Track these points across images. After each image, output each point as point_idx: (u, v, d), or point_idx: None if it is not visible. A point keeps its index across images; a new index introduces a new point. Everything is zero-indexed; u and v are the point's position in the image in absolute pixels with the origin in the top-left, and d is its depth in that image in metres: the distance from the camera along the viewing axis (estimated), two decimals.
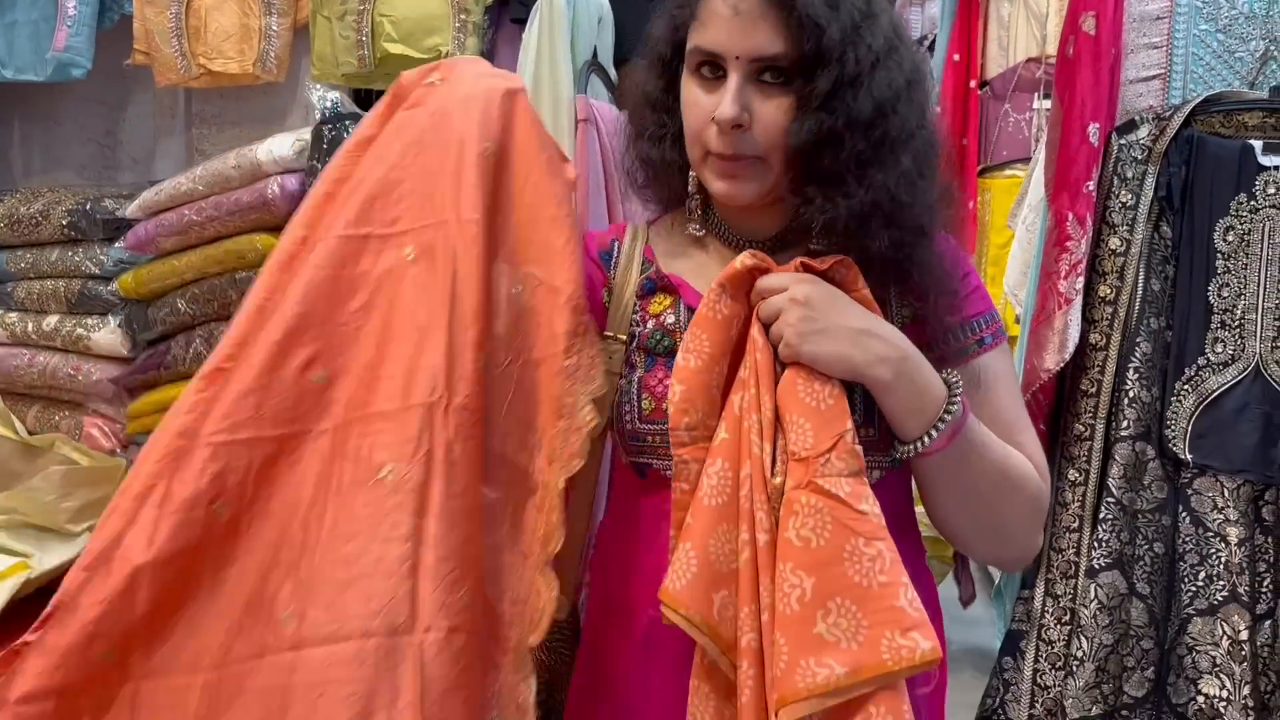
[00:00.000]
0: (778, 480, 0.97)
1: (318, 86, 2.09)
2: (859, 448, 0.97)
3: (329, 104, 2.04)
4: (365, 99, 2.46)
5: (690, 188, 1.12)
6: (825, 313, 1.00)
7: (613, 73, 2.10)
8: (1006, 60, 3.24)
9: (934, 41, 3.54)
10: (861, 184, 1.04)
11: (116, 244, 2.19)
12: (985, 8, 3.23)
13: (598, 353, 1.07)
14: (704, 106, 1.05)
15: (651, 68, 1.12)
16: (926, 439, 1.00)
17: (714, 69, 1.04)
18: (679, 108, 1.09)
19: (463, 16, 2.22)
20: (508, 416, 1.02)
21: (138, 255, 2.16)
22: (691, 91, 1.07)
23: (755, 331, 1.02)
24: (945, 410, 1.01)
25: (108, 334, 2.19)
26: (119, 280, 2.17)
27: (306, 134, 2.06)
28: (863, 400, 1.04)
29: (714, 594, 0.97)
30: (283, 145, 2.02)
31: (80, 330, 2.20)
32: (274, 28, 2.33)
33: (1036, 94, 3.07)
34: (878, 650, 0.90)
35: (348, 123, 2.05)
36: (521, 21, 2.25)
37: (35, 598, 2.00)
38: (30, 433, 2.24)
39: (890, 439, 1.05)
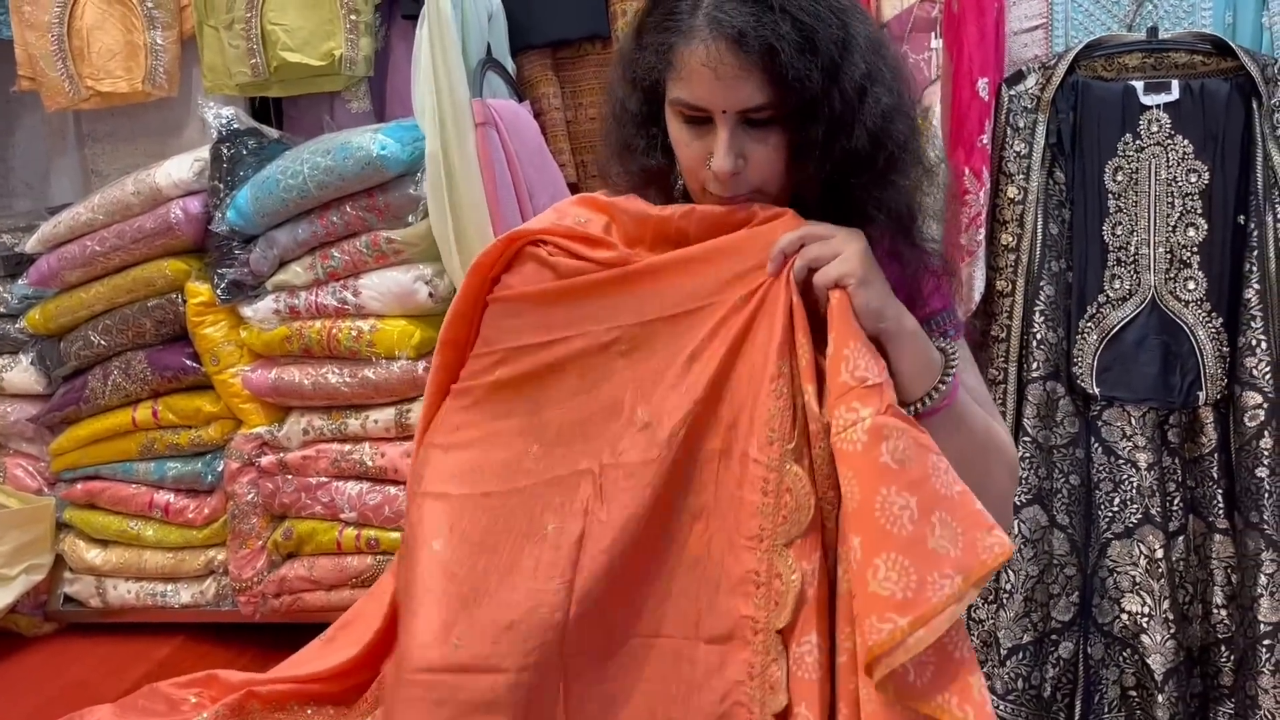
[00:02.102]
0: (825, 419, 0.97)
1: (212, 104, 2.03)
2: None
3: (225, 120, 1.98)
4: (262, 108, 2.40)
5: (675, 193, 1.15)
6: (872, 262, 1.03)
7: (510, 65, 2.07)
8: (901, 1, 3.25)
9: None
10: (864, 203, 1.08)
11: (19, 280, 2.12)
12: None
13: None
14: (695, 148, 1.07)
15: (628, 85, 1.14)
16: (932, 396, 1.04)
17: (698, 114, 1.06)
18: (662, 118, 1.11)
19: (353, 18, 2.18)
20: None
21: (43, 290, 2.09)
22: (680, 131, 1.08)
23: (785, 281, 1.03)
24: (945, 370, 1.05)
25: (20, 373, 2.14)
26: (26, 317, 2.12)
27: (204, 153, 2.02)
28: None
29: None
30: (181, 167, 1.98)
31: None
32: (159, 42, 2.26)
33: (933, 33, 3.09)
34: (976, 552, 0.92)
35: (246, 138, 2.00)
36: (413, 18, 2.21)
37: None
38: None
39: None
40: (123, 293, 2.04)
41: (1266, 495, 1.92)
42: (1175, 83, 2.02)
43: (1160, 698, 1.96)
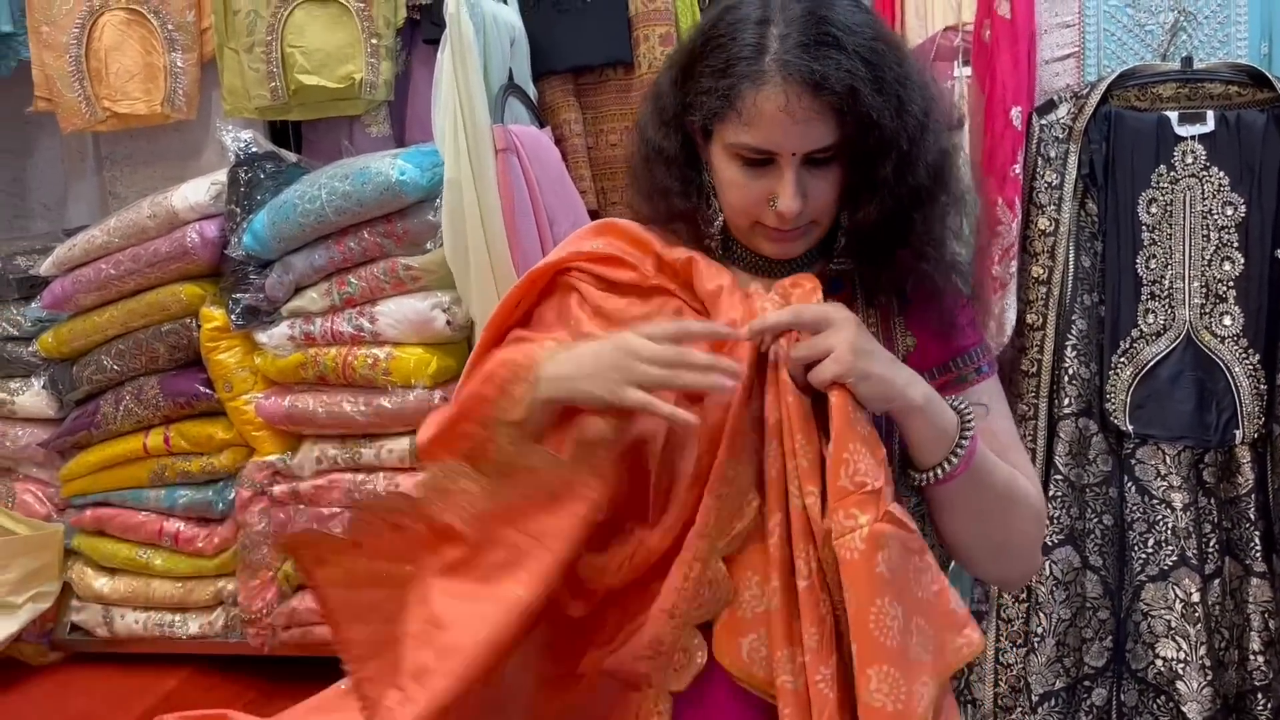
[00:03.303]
0: (826, 524, 0.99)
1: (230, 127, 2.02)
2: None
3: (243, 144, 1.96)
4: (281, 132, 2.38)
5: (713, 230, 1.15)
6: (869, 339, 1.03)
7: (531, 91, 2.05)
8: (925, 29, 3.23)
9: None
10: (915, 238, 1.10)
11: (33, 303, 2.09)
12: None
13: None
14: (753, 190, 1.08)
15: (665, 127, 1.14)
16: (948, 464, 1.04)
17: (759, 156, 1.06)
18: (698, 160, 1.13)
19: (374, 41, 2.16)
20: None
21: (57, 313, 2.07)
22: (733, 173, 1.09)
23: (783, 375, 1.03)
24: (961, 435, 1.04)
25: (32, 396, 2.13)
26: (39, 340, 2.11)
27: (222, 176, 2.00)
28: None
29: (740, 639, 1.02)
30: (198, 191, 1.96)
31: (3, 394, 2.15)
32: (179, 64, 2.25)
33: (956, 62, 3.07)
34: (945, 656, 0.97)
35: (264, 162, 1.97)
36: (433, 42, 2.19)
37: None
38: None
39: (903, 466, 1.09)
40: (137, 317, 2.02)
41: None
42: (1210, 113, 1.98)
43: None
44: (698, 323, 1.10)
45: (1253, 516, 1.94)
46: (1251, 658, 1.95)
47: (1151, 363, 2.00)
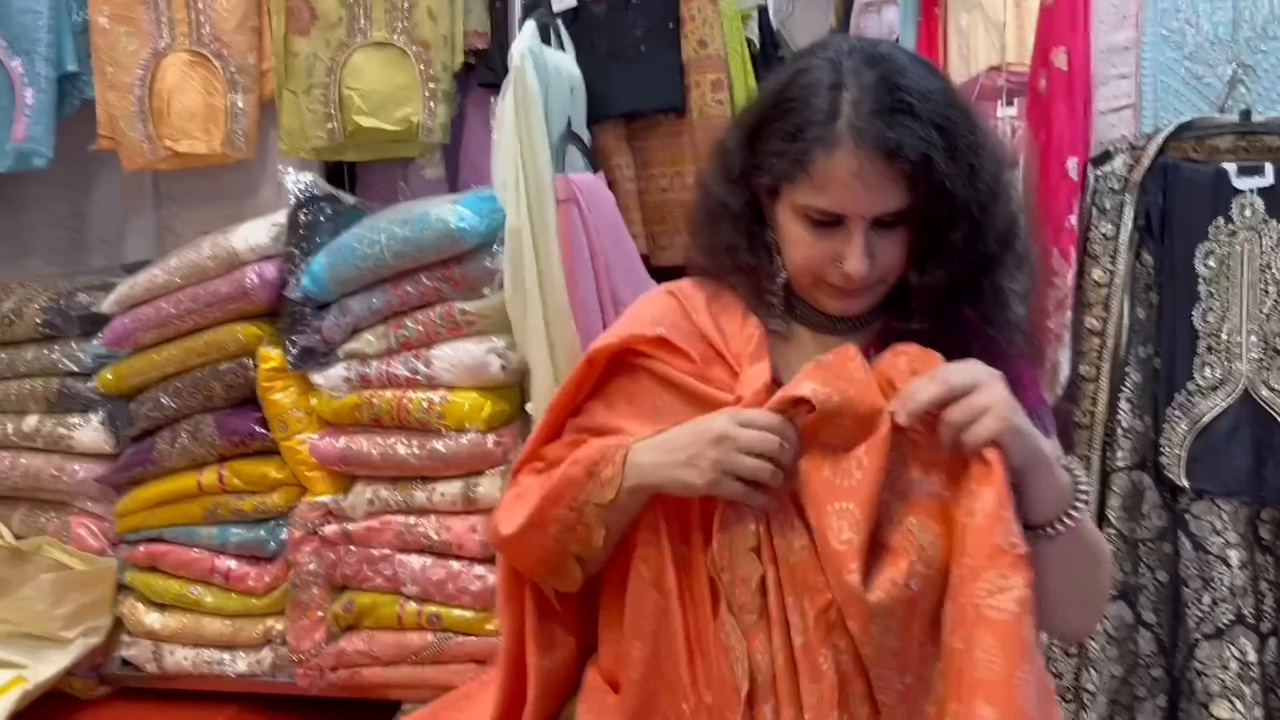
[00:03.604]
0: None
1: (290, 170, 2.04)
2: None
3: (303, 186, 1.98)
4: (336, 172, 2.41)
5: (775, 286, 1.15)
6: (1016, 404, 1.02)
7: (586, 136, 2.06)
8: (968, 69, 3.23)
9: None
10: (982, 300, 1.11)
11: (94, 339, 2.12)
12: (944, 18, 3.23)
13: None
14: (819, 250, 1.08)
15: (730, 184, 1.15)
16: (1061, 522, 1.03)
17: (827, 217, 1.07)
18: (762, 216, 1.14)
19: (431, 85, 2.19)
20: None
21: (116, 350, 2.10)
22: (800, 231, 1.09)
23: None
24: (1076, 493, 1.04)
25: (90, 432, 2.14)
26: (98, 377, 2.13)
27: (281, 217, 2.03)
28: None
29: (763, 705, 1.07)
30: (258, 232, 1.98)
31: (62, 429, 2.16)
32: (239, 105, 2.28)
33: (999, 102, 3.07)
34: None
35: (323, 205, 2.00)
36: (489, 85, 2.22)
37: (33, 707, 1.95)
38: (17, 536, 2.20)
39: None
40: (194, 355, 2.05)
41: None
42: (1269, 166, 1.96)
43: None
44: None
45: None
46: None
47: (1208, 417, 1.97)
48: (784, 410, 1.06)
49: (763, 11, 2.30)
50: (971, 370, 1.02)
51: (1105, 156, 2.07)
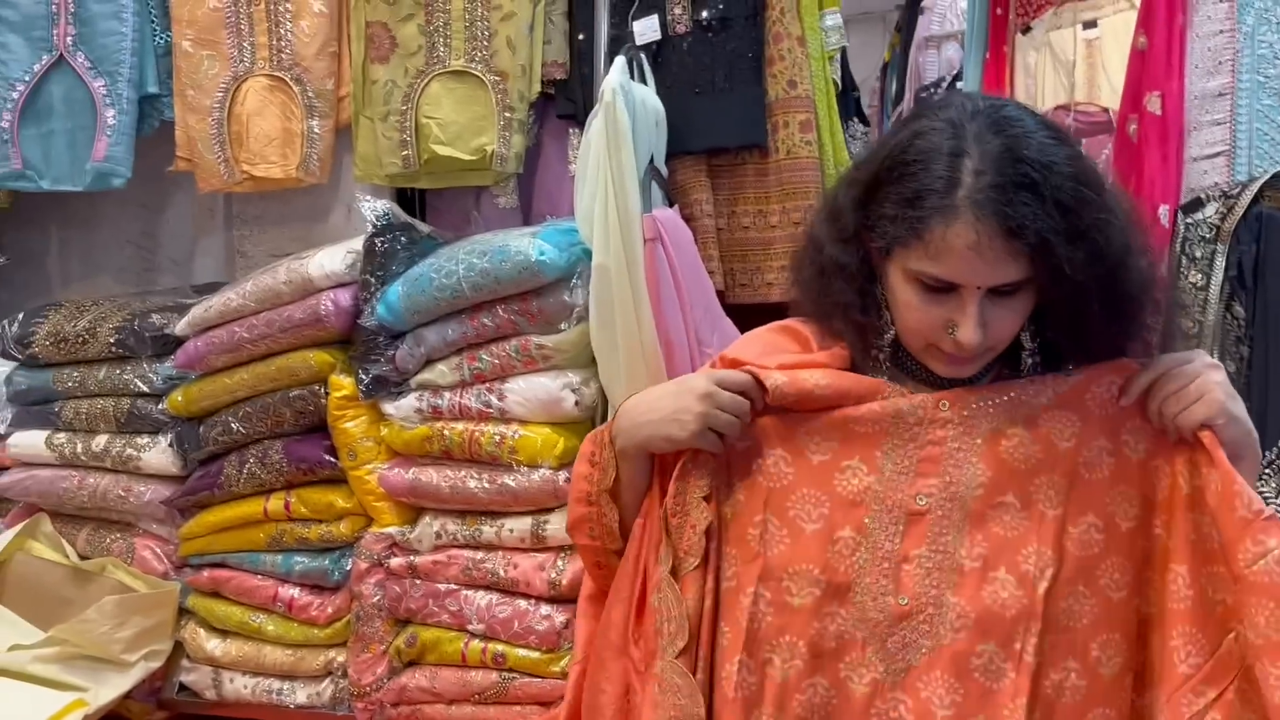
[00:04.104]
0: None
1: (367, 197, 2.03)
2: None
3: (379, 213, 1.97)
4: (409, 199, 2.40)
5: (883, 343, 1.16)
6: (1232, 390, 1.08)
7: (664, 170, 2.04)
8: (1036, 108, 3.19)
9: (950, 85, 3.48)
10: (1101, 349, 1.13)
11: (166, 361, 2.12)
12: (1012, 56, 3.20)
13: None
14: (931, 314, 1.08)
15: (843, 244, 1.16)
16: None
17: (940, 284, 1.07)
18: (873, 273, 1.14)
19: (507, 115, 2.17)
20: None
21: (187, 373, 2.10)
22: (911, 296, 1.09)
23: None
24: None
25: (158, 454, 2.13)
26: (168, 399, 2.13)
27: (357, 245, 2.01)
28: None
29: None
30: (334, 259, 1.97)
31: (130, 450, 2.15)
32: (316, 130, 2.28)
33: None
34: None
35: (399, 233, 1.98)
36: (568, 117, 2.20)
37: None
38: (82, 556, 2.20)
39: None
40: (266, 381, 2.03)
41: None
42: None
43: None
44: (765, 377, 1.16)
45: None
46: None
47: None
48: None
49: (843, 53, 2.27)
50: (1188, 357, 1.09)
51: (1196, 204, 2.02)
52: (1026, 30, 2.72)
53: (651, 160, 1.90)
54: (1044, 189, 1.00)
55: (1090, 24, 2.70)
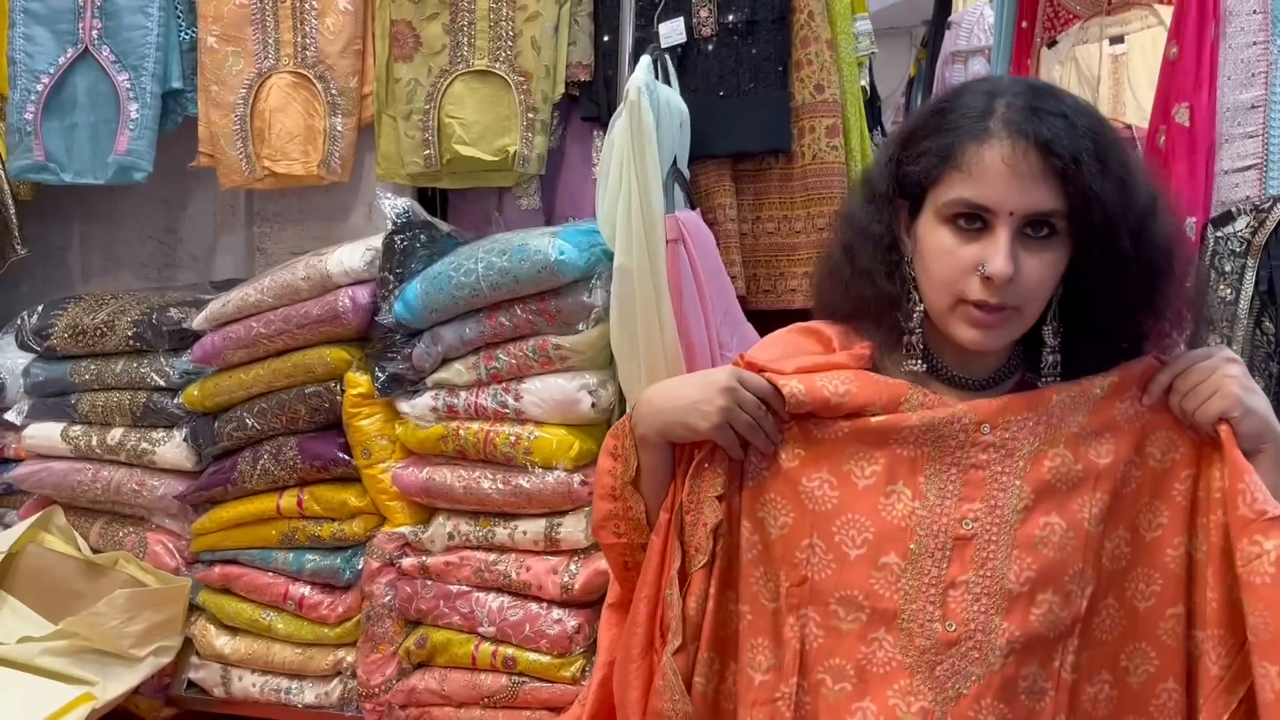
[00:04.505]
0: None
1: (388, 195, 2.02)
2: None
3: (400, 211, 1.96)
4: (430, 198, 2.39)
5: (912, 323, 1.14)
6: (1249, 376, 1.08)
7: (686, 172, 2.03)
8: None
9: None
10: (1134, 331, 1.11)
11: (183, 355, 2.11)
12: (1036, 70, 3.18)
13: None
14: (961, 257, 1.07)
15: (874, 204, 1.15)
16: None
17: (973, 219, 1.06)
18: (897, 243, 1.14)
19: (530, 116, 2.16)
20: None
21: (204, 367, 2.09)
22: (943, 239, 1.08)
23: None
24: None
25: (173, 448, 2.13)
26: (184, 393, 2.12)
27: (377, 242, 2.00)
28: None
29: None
30: (353, 256, 1.96)
31: (145, 444, 2.14)
32: (339, 128, 2.27)
33: None
34: None
35: (419, 231, 1.97)
36: (592, 119, 2.19)
37: None
38: (94, 549, 2.19)
39: None
40: (282, 377, 2.02)
41: None
42: None
43: None
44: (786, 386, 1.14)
45: None
46: None
47: None
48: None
49: (870, 61, 2.25)
50: (1208, 352, 1.09)
51: (1227, 217, 1.98)
52: (1052, 44, 2.70)
53: (675, 162, 1.89)
54: (1074, 119, 1.03)
55: (1117, 39, 2.67)
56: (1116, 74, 2.65)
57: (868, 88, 2.10)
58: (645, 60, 1.71)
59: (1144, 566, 1.11)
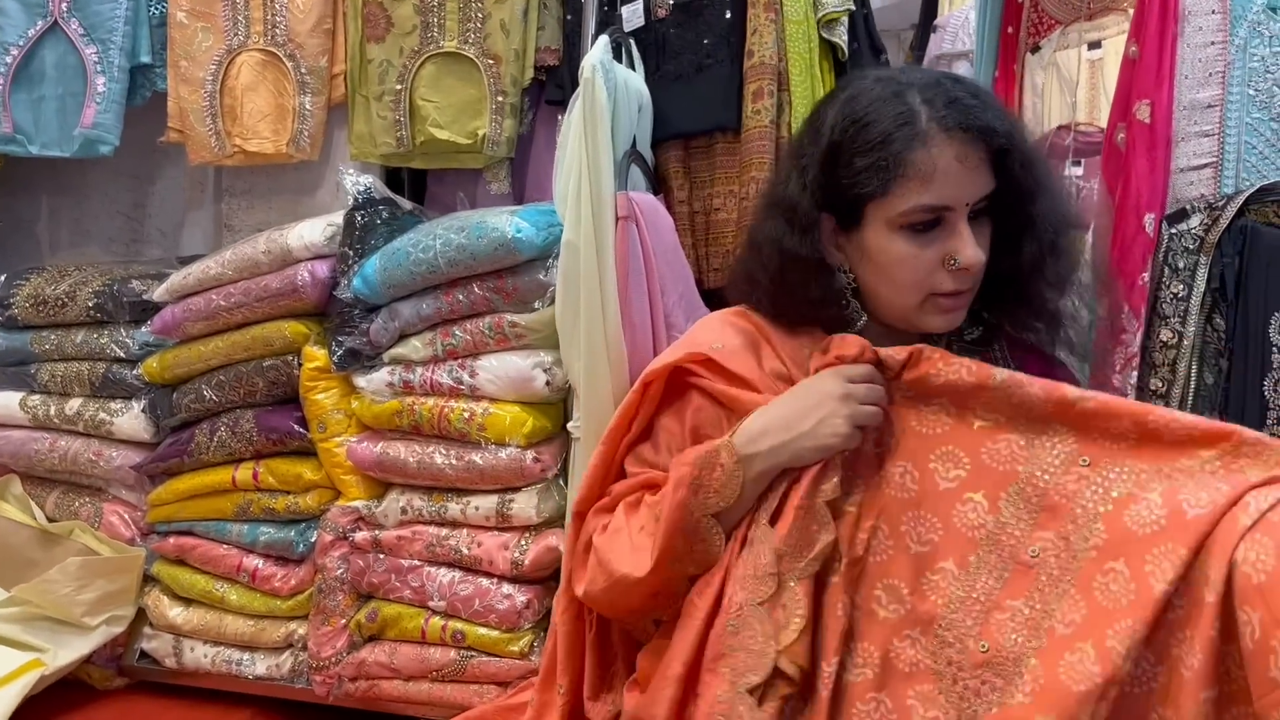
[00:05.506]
0: None
1: (351, 170, 2.03)
2: None
3: (362, 188, 1.97)
4: (396, 178, 2.40)
5: (853, 329, 1.20)
6: None
7: (649, 156, 2.04)
8: (1041, 127, 3.20)
9: None
10: (1036, 302, 1.21)
11: (143, 327, 2.12)
12: (1021, 76, 3.20)
13: None
14: (927, 257, 1.12)
15: (796, 228, 1.17)
16: None
17: (932, 222, 1.11)
18: (825, 259, 1.18)
19: (499, 99, 2.18)
20: None
21: (164, 339, 2.10)
22: (901, 247, 1.12)
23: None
24: None
25: (131, 419, 2.13)
26: (144, 364, 2.13)
27: (337, 218, 2.02)
28: None
29: None
30: (314, 231, 1.98)
31: (103, 414, 2.15)
32: (308, 107, 2.29)
33: (1067, 160, 3.04)
34: None
35: (380, 208, 1.99)
36: (557, 103, 2.21)
37: (49, 692, 1.93)
38: (50, 519, 2.20)
39: None
40: (240, 350, 2.03)
41: None
42: None
43: None
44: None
45: None
46: None
47: None
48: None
49: (864, 16, 2.17)
50: None
51: (1182, 214, 2.01)
52: (1036, 50, 2.73)
53: (635, 145, 1.90)
54: (978, 95, 1.10)
55: (1095, 45, 2.71)
56: (1094, 79, 2.69)
57: (844, 45, 2.02)
58: (603, 39, 1.73)
59: (1191, 630, 0.97)
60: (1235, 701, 0.96)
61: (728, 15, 2.03)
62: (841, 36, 2.03)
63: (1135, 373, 1.97)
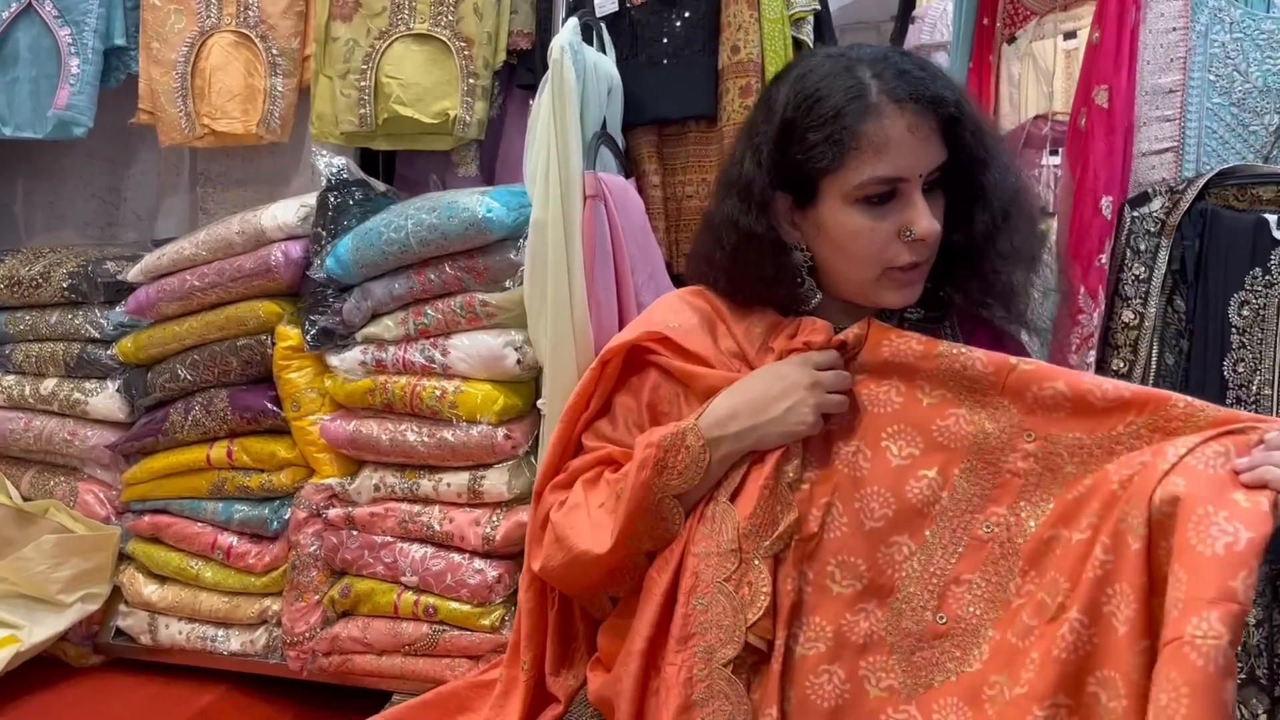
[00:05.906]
0: None
1: (324, 152, 2.05)
2: None
3: (335, 169, 1.99)
4: (370, 160, 2.42)
5: (808, 307, 1.23)
6: None
7: (620, 140, 2.06)
8: (1018, 117, 3.23)
9: None
10: (990, 274, 1.20)
11: (117, 308, 2.13)
12: (997, 65, 3.23)
13: None
14: (883, 230, 1.13)
15: (757, 211, 1.19)
16: None
17: (886, 194, 1.12)
18: (780, 236, 1.19)
19: (471, 81, 2.20)
20: None
21: (138, 319, 2.11)
22: (857, 220, 1.14)
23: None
24: None
25: (106, 399, 2.15)
26: (118, 345, 2.15)
27: (311, 199, 2.04)
28: None
29: None
30: (287, 211, 2.00)
31: (78, 394, 2.17)
32: (279, 88, 2.30)
33: (1044, 150, 3.06)
34: None
35: (354, 189, 2.01)
36: (528, 87, 2.23)
37: (24, 668, 1.95)
38: (25, 498, 2.22)
39: None
40: (214, 329, 2.05)
41: None
42: None
43: None
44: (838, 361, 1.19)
45: None
46: None
47: None
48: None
49: (825, 13, 2.22)
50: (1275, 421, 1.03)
51: (1143, 198, 2.05)
52: (1011, 40, 2.76)
53: (605, 126, 1.93)
54: (926, 67, 1.12)
55: (1070, 35, 2.73)
56: (1069, 69, 2.72)
57: (810, 42, 2.07)
58: (572, 21, 1.75)
59: (1122, 583, 1.00)
60: None
61: (705, 6, 2.06)
62: (808, 34, 2.08)
63: (1092, 352, 2.02)
